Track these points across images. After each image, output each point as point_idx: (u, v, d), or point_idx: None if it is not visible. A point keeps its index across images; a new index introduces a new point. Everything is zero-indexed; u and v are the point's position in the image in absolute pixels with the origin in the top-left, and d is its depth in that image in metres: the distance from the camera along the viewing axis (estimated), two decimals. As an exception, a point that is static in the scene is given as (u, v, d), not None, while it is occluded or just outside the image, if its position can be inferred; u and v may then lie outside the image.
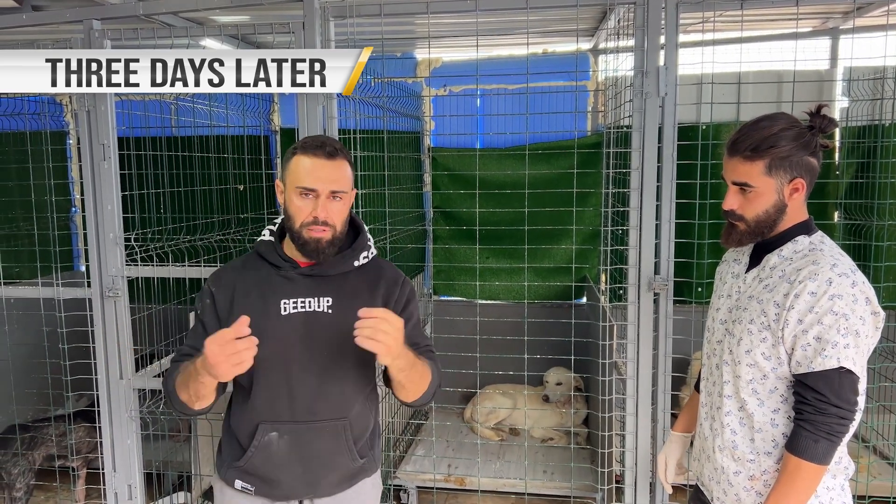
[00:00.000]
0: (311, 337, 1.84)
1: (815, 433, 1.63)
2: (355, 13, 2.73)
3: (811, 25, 4.14)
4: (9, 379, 3.49)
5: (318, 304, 1.85)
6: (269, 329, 1.79)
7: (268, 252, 1.89)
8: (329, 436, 1.86)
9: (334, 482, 1.91)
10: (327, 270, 1.87)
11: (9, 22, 2.97)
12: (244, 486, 1.90)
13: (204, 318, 1.88)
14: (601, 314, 3.18)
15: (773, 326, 1.70)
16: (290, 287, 1.85)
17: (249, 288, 1.87)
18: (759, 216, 1.75)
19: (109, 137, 2.88)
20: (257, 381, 1.84)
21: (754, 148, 1.70)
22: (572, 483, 3.64)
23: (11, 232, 4.55)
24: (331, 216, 1.79)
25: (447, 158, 4.69)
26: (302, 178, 1.78)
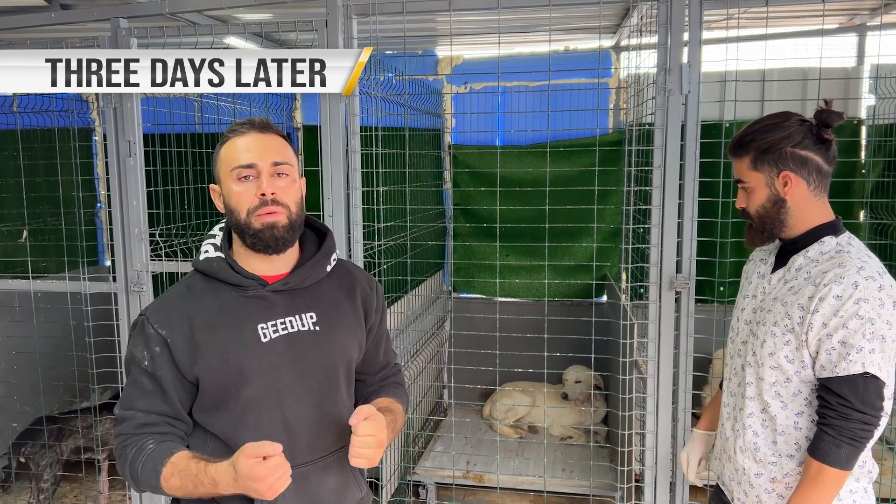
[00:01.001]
0: (301, 361, 1.56)
1: (838, 438, 1.61)
2: (378, 11, 2.74)
3: (837, 22, 4.08)
4: (36, 371, 3.55)
5: (301, 322, 1.58)
6: (251, 363, 1.52)
7: (221, 271, 1.55)
8: (336, 470, 1.62)
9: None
10: (301, 282, 1.59)
11: (38, 20, 3.03)
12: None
13: (157, 371, 1.51)
14: (622, 312, 3.17)
15: (797, 329, 1.68)
16: (264, 308, 1.55)
17: (212, 319, 1.52)
18: (758, 212, 1.78)
19: (135, 134, 2.92)
20: (245, 429, 1.52)
21: (739, 144, 1.77)
22: (591, 481, 3.64)
23: (39, 227, 4.62)
24: (279, 193, 1.51)
25: (468, 156, 4.70)
26: (236, 158, 1.52)
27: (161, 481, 1.46)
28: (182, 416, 1.55)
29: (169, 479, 1.45)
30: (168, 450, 1.48)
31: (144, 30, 2.89)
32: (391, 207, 3.53)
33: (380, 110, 3.29)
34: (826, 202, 1.77)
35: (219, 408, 1.54)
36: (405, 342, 3.83)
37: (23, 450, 3.55)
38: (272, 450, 1.36)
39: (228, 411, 1.54)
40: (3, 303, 3.68)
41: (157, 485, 1.47)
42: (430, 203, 4.51)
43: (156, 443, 1.49)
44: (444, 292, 4.84)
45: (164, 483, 1.46)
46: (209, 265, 1.57)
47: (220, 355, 1.51)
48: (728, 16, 2.99)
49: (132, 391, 1.54)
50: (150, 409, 1.52)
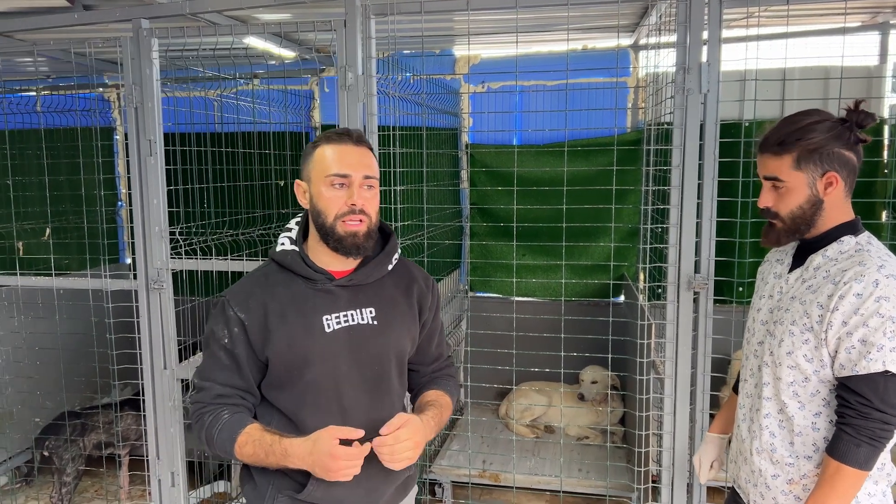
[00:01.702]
0: (359, 352, 1.72)
1: (857, 437, 1.60)
2: (396, 11, 2.75)
3: (860, 20, 4.03)
4: (59, 367, 3.60)
5: (361, 315, 1.73)
6: (315, 350, 1.69)
7: (295, 264, 1.72)
8: None
9: (392, 497, 1.84)
10: (365, 279, 1.75)
11: (61, 21, 3.07)
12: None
13: (235, 349, 1.69)
14: (639, 313, 3.16)
15: (815, 328, 1.67)
16: (330, 301, 1.71)
17: (284, 307, 1.70)
18: (793, 212, 1.72)
19: (156, 133, 2.95)
20: (305, 407, 1.70)
21: (781, 141, 1.69)
22: (608, 482, 3.63)
23: (61, 225, 4.69)
24: (366, 205, 1.67)
25: (485, 155, 4.70)
26: (333, 166, 1.66)
27: (235, 448, 1.64)
28: (253, 390, 1.74)
29: (243, 447, 1.63)
30: (242, 421, 1.66)
31: (165, 30, 2.91)
32: (408, 206, 3.54)
33: (397, 110, 3.30)
34: (850, 202, 1.76)
35: (284, 387, 1.71)
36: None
37: (46, 444, 3.61)
38: (354, 434, 1.54)
39: (292, 391, 1.71)
40: (26, 299, 3.74)
41: (231, 450, 1.65)
42: (446, 202, 4.51)
43: (230, 413, 1.68)
44: (461, 291, 4.84)
45: (238, 450, 1.64)
46: (285, 257, 1.74)
47: (288, 341, 1.68)
48: (748, 14, 2.97)
49: (211, 364, 1.72)
50: (226, 382, 1.71)
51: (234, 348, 1.69)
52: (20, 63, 4.50)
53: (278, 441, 1.60)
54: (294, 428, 1.69)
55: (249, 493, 1.78)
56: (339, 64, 2.76)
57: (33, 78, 4.94)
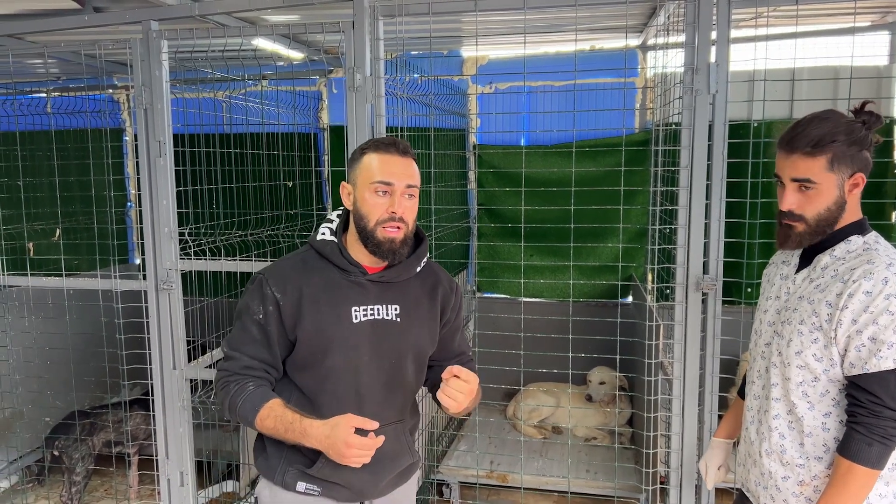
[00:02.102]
0: (380, 344, 1.83)
1: (868, 436, 1.59)
2: (404, 12, 2.75)
3: (869, 20, 4.01)
4: (68, 367, 3.63)
5: (386, 311, 1.84)
6: (340, 337, 1.79)
7: (333, 254, 1.83)
8: (392, 437, 1.86)
9: (395, 481, 1.96)
10: (395, 277, 1.85)
11: (71, 23, 3.09)
12: (309, 488, 1.86)
13: (268, 326, 1.80)
14: (647, 313, 3.15)
15: (825, 327, 1.66)
16: (360, 293, 1.82)
17: (318, 293, 1.80)
18: (820, 214, 1.70)
19: (165, 134, 2.96)
20: (325, 389, 1.81)
21: (816, 143, 1.65)
22: (616, 483, 3.62)
23: (71, 225, 4.72)
24: (405, 213, 1.77)
25: (492, 156, 4.70)
26: (378, 174, 1.75)
27: (257, 420, 1.74)
28: (278, 366, 1.84)
29: (264, 420, 1.73)
30: (266, 395, 1.77)
31: (175, 32, 2.93)
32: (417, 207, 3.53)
33: (405, 111, 3.31)
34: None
35: (306, 368, 1.82)
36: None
37: (56, 443, 3.63)
38: (370, 425, 1.64)
39: (313, 373, 1.81)
40: (37, 300, 3.76)
41: (252, 421, 1.75)
42: (454, 203, 4.52)
43: (255, 386, 1.78)
44: (469, 292, 4.84)
45: (259, 422, 1.74)
46: (324, 246, 1.84)
47: (317, 325, 1.78)
48: (757, 14, 2.96)
49: (242, 336, 1.82)
50: (255, 355, 1.81)
51: (267, 325, 1.79)
52: (31, 65, 4.53)
53: (299, 420, 1.70)
54: (311, 408, 1.79)
55: (262, 464, 1.90)
56: (347, 65, 2.77)
57: (44, 80, 4.97)
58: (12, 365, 3.81)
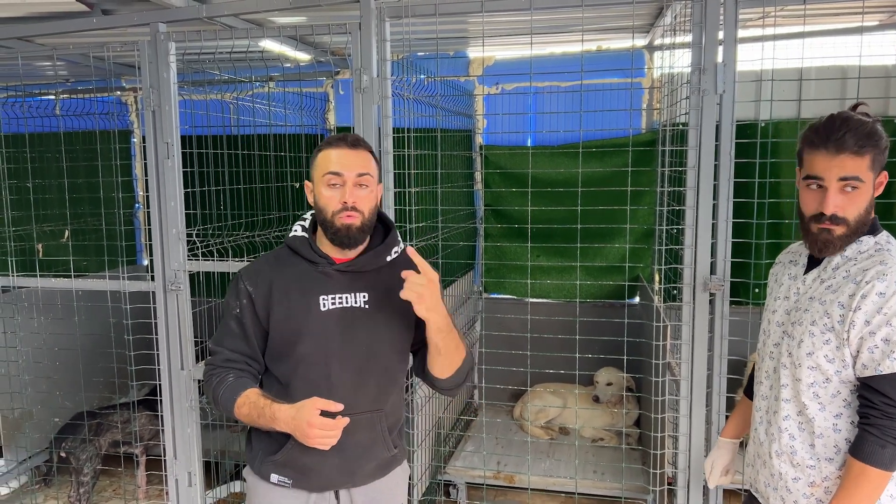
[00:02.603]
0: (350, 331, 1.88)
1: (881, 438, 1.59)
2: (410, 13, 2.76)
3: (877, 19, 3.99)
4: (77, 367, 3.64)
5: (354, 299, 1.90)
6: (309, 325, 1.86)
7: (302, 248, 1.91)
8: (366, 427, 1.91)
9: (370, 472, 1.97)
10: (363, 266, 1.91)
11: (80, 25, 3.11)
12: (280, 480, 1.92)
13: (243, 319, 1.90)
14: (654, 314, 3.15)
15: (837, 328, 1.65)
16: (328, 283, 1.89)
17: (288, 285, 1.89)
18: (860, 215, 1.68)
19: (173, 136, 2.98)
20: (297, 376, 1.88)
21: (863, 143, 1.63)
22: (623, 484, 3.61)
23: (80, 227, 4.74)
24: (358, 202, 1.84)
25: (499, 156, 4.70)
26: (328, 166, 1.84)
27: (235, 408, 1.84)
28: (258, 357, 1.94)
29: (241, 408, 1.83)
30: (243, 385, 1.87)
31: (182, 34, 2.94)
32: (423, 208, 3.55)
33: (412, 112, 3.31)
34: None
35: (280, 357, 1.90)
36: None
37: (63, 444, 3.65)
38: (334, 407, 1.71)
39: (287, 361, 1.89)
40: (46, 301, 3.78)
41: (232, 410, 1.85)
42: (461, 204, 4.52)
43: (235, 377, 1.88)
44: (475, 293, 4.84)
45: (237, 410, 1.84)
46: (294, 241, 1.93)
47: (287, 314, 1.87)
48: (764, 14, 2.95)
49: (223, 331, 1.94)
50: (234, 348, 1.92)
51: (242, 318, 1.90)
52: (40, 67, 4.56)
53: (269, 405, 1.79)
54: (286, 395, 1.86)
55: (248, 454, 2.01)
56: (353, 66, 2.77)
57: (52, 82, 5.00)
58: (22, 365, 3.83)
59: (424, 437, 3.53)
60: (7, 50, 3.61)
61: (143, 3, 3.05)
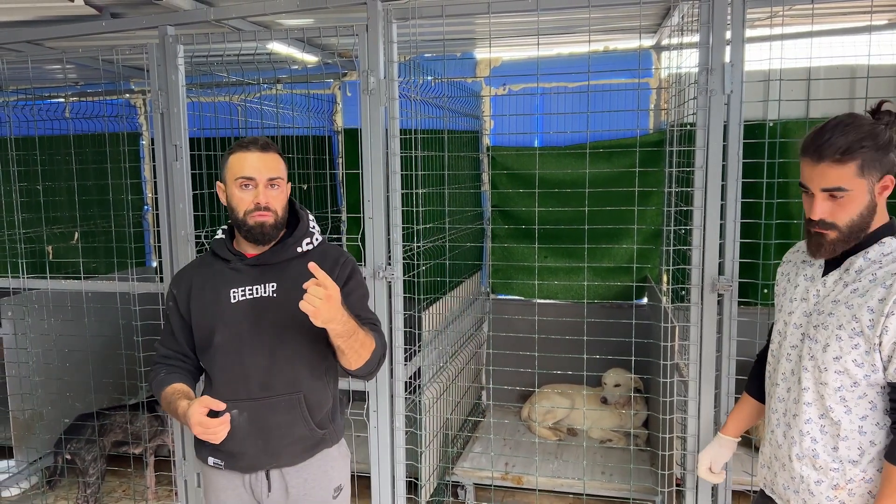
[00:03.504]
0: (260, 320, 1.99)
1: None
2: (417, 15, 2.76)
3: (887, 18, 3.97)
4: (87, 368, 3.66)
5: (263, 289, 2.01)
6: (220, 317, 2.01)
7: (219, 248, 2.07)
8: (284, 409, 2.01)
9: (296, 452, 2.05)
10: (271, 259, 2.03)
11: (90, 29, 3.13)
12: (215, 462, 2.06)
13: (171, 319, 2.10)
14: (663, 315, 3.14)
15: (867, 333, 1.63)
16: (239, 277, 2.02)
17: (204, 283, 2.06)
18: (853, 221, 1.66)
19: (181, 138, 2.99)
20: (215, 364, 2.02)
21: (845, 150, 1.61)
22: (631, 485, 3.61)
23: (90, 229, 4.77)
24: (271, 202, 1.96)
25: (506, 157, 4.70)
26: (240, 171, 1.96)
27: (161, 400, 2.04)
28: (187, 352, 2.11)
29: (163, 403, 2.04)
30: (169, 381, 2.04)
31: (190, 36, 2.96)
32: (430, 209, 3.55)
33: (419, 113, 3.32)
34: None
35: (203, 350, 2.06)
36: (444, 343, 3.85)
37: (68, 446, 3.67)
38: (218, 406, 1.86)
39: (207, 353, 2.04)
40: (56, 302, 3.80)
41: (158, 396, 2.05)
42: (468, 205, 4.52)
43: (165, 373, 2.07)
44: (483, 294, 4.85)
45: (162, 402, 2.04)
46: (214, 244, 2.11)
47: (202, 309, 2.04)
48: (772, 13, 2.94)
49: (162, 331, 2.17)
50: (167, 345, 2.13)
51: (171, 317, 2.11)
52: (50, 70, 4.59)
53: (177, 403, 1.95)
54: (210, 384, 2.05)
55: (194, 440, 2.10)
56: (361, 68, 2.78)
57: (62, 85, 5.03)
58: (32, 367, 3.86)
59: (432, 439, 3.53)
60: (17, 53, 3.64)
61: (152, 7, 3.06)
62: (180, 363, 2.11)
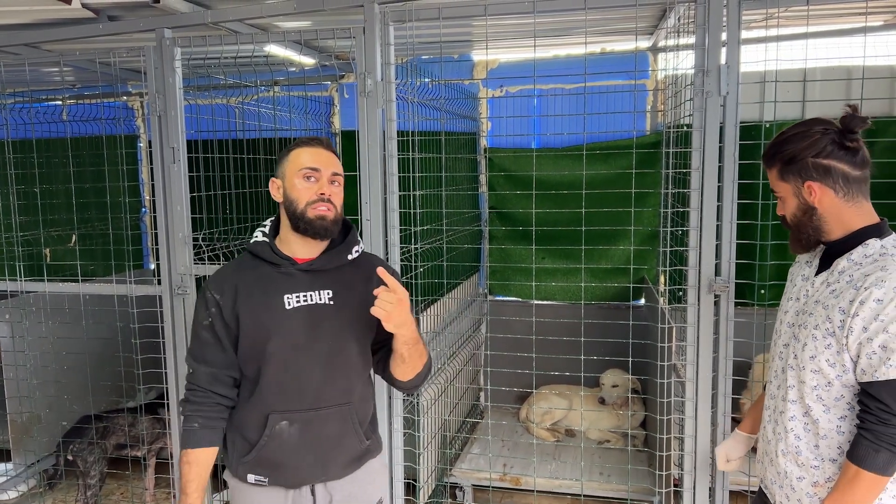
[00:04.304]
0: (316, 328, 1.92)
1: (876, 443, 1.60)
2: (414, 17, 2.77)
3: (882, 19, 3.99)
4: (85, 372, 3.66)
5: (319, 296, 1.94)
6: (274, 324, 1.90)
7: (263, 251, 1.95)
8: (336, 420, 1.95)
9: (344, 464, 1.99)
10: (324, 265, 1.95)
11: (87, 32, 3.13)
12: (257, 479, 1.95)
13: (214, 328, 1.93)
14: (660, 316, 3.15)
15: (837, 333, 1.66)
16: (291, 282, 1.93)
17: (251, 287, 1.92)
18: (792, 220, 1.80)
19: (179, 141, 2.99)
20: (266, 374, 1.91)
21: (766, 156, 1.80)
22: (629, 485, 3.61)
23: (87, 231, 4.77)
24: (333, 196, 1.90)
25: (503, 159, 4.71)
26: (305, 161, 1.89)
27: (181, 454, 1.93)
28: (235, 364, 1.95)
29: (181, 458, 1.93)
30: (198, 440, 1.92)
31: (188, 39, 2.96)
32: (428, 211, 3.55)
33: (416, 115, 3.32)
34: (865, 205, 1.74)
35: (250, 359, 1.93)
36: (441, 345, 3.85)
37: (70, 447, 3.67)
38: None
39: (256, 362, 1.92)
40: (53, 305, 3.81)
41: (181, 449, 1.94)
42: (466, 206, 4.53)
43: (200, 426, 1.92)
44: (480, 295, 4.85)
45: (181, 457, 1.93)
46: (255, 247, 1.97)
47: (253, 316, 1.91)
48: (768, 15, 2.95)
49: (197, 345, 1.96)
50: (214, 360, 1.94)
51: (214, 326, 1.93)
52: (47, 73, 4.59)
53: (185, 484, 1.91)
54: (255, 394, 1.92)
55: (226, 459, 2.04)
56: (358, 70, 2.79)
57: (59, 87, 5.03)
58: (30, 369, 3.86)
59: (430, 440, 3.53)
60: (14, 56, 3.65)
61: (149, 9, 3.07)
62: (221, 398, 1.95)
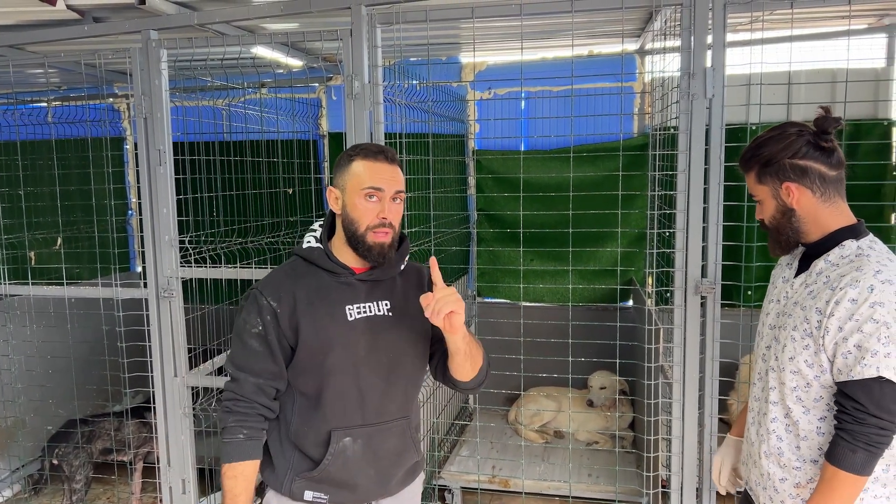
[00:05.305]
0: (376, 340, 1.86)
1: (853, 443, 1.61)
2: (401, 20, 2.77)
3: (866, 22, 4.03)
4: (70, 375, 3.63)
5: (377, 307, 1.88)
6: (337, 336, 1.82)
7: (320, 259, 1.87)
8: (396, 435, 1.91)
9: (401, 479, 1.97)
10: (381, 276, 1.89)
11: (72, 33, 3.11)
12: (316, 497, 1.87)
13: (269, 336, 1.81)
14: (647, 317, 3.16)
15: (815, 334, 1.68)
16: (351, 293, 1.86)
17: (311, 297, 1.84)
18: (771, 222, 1.83)
19: (165, 143, 2.98)
20: (327, 388, 1.83)
21: (743, 160, 1.84)
22: (617, 487, 3.62)
23: (73, 234, 4.73)
24: (393, 217, 1.83)
25: (491, 161, 4.71)
26: (368, 180, 1.79)
27: (225, 468, 1.82)
28: (284, 375, 1.86)
29: (225, 475, 1.81)
30: (243, 453, 1.82)
31: (174, 41, 2.95)
32: (416, 213, 3.55)
33: (404, 117, 3.32)
34: (841, 206, 1.77)
35: (308, 371, 1.84)
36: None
37: (56, 452, 3.64)
38: None
39: (315, 374, 1.84)
40: (38, 309, 3.77)
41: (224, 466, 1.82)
42: (454, 208, 4.53)
43: (245, 437, 1.82)
44: (469, 297, 4.85)
45: (224, 471, 1.82)
46: (311, 253, 1.88)
47: (315, 326, 1.82)
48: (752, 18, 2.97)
49: (244, 353, 1.84)
50: (262, 370, 1.83)
51: (267, 335, 1.82)
52: (32, 75, 4.56)
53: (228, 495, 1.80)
54: (315, 409, 1.84)
55: (269, 475, 1.93)
56: (345, 73, 2.78)
57: (44, 89, 5.00)
58: (14, 374, 3.82)
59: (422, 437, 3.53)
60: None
61: (135, 11, 3.05)
62: (265, 409, 1.85)
